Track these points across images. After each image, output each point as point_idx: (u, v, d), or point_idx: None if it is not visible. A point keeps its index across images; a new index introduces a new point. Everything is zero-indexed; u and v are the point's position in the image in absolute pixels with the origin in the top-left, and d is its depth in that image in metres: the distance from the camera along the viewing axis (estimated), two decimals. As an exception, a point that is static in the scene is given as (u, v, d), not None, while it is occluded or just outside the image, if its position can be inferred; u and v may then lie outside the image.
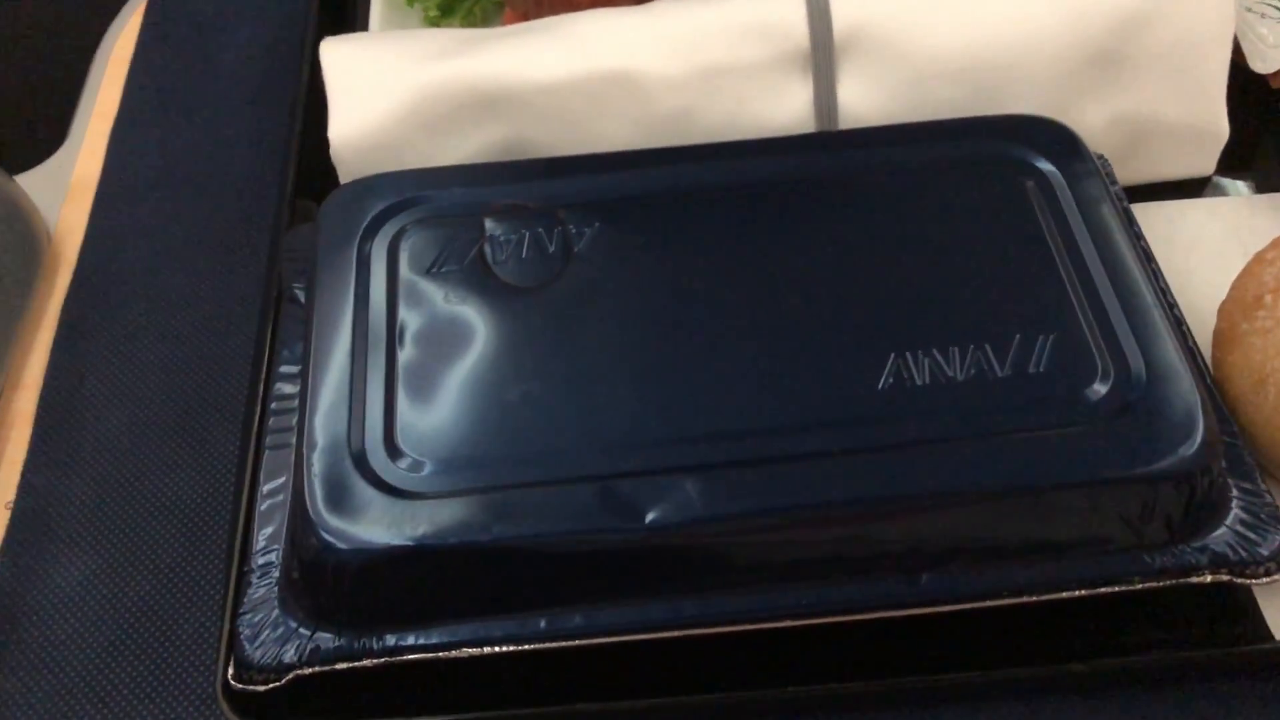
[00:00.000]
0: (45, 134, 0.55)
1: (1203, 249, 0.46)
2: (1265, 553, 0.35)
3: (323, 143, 0.49)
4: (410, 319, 0.38)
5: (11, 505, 0.43)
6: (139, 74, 0.56)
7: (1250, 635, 0.37)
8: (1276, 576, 0.35)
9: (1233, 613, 0.37)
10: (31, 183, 0.49)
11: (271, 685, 0.35)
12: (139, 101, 0.55)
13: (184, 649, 0.39)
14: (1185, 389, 0.35)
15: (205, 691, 0.38)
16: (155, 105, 0.55)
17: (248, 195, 0.51)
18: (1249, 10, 0.49)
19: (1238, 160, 0.48)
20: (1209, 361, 0.41)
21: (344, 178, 0.44)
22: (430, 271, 0.39)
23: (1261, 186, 0.49)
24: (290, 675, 0.35)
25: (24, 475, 0.43)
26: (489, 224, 0.40)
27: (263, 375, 0.41)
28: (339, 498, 0.34)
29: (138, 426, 0.44)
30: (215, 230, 0.50)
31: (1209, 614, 0.38)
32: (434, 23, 0.53)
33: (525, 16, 0.51)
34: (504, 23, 0.52)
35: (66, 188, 0.52)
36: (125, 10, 0.60)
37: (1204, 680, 0.37)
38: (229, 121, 0.54)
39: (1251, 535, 0.35)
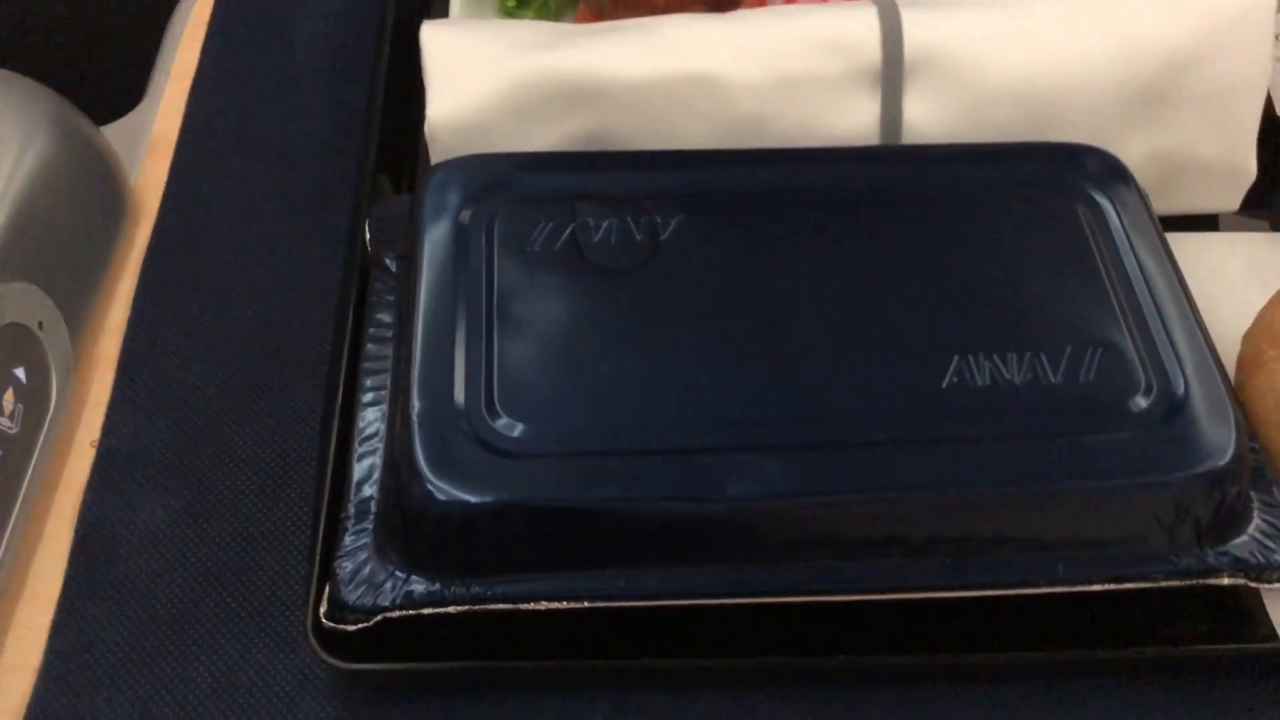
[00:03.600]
0: (123, 90, 0.57)
1: (1223, 280, 0.49)
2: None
3: (401, 121, 0.52)
4: (508, 293, 0.40)
5: (97, 444, 0.45)
6: (215, 39, 0.58)
7: (1255, 636, 0.40)
8: (1288, 583, 0.39)
9: (1239, 614, 0.41)
10: (111, 136, 0.50)
11: (361, 625, 0.37)
12: (216, 65, 0.57)
13: (265, 589, 0.41)
14: (1220, 404, 0.39)
15: (284, 629, 0.41)
16: (233, 69, 0.57)
17: (324, 162, 0.53)
18: None
19: (1258, 199, 0.52)
20: (1232, 383, 0.44)
21: (435, 156, 0.46)
22: (526, 250, 0.41)
23: (1278, 225, 0.52)
24: (379, 617, 0.37)
25: (108, 416, 0.45)
26: (580, 209, 0.42)
27: (347, 334, 0.44)
28: (443, 453, 0.36)
29: (218, 377, 0.46)
30: (292, 194, 0.52)
31: (1218, 613, 0.41)
32: (510, 13, 0.55)
33: (599, 14, 0.53)
34: (577, 19, 0.55)
35: (145, 143, 0.54)
36: (201, -25, 0.61)
37: (1214, 674, 0.41)
38: (304, 90, 0.56)
39: (1270, 544, 0.39)
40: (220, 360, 0.47)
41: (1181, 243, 0.50)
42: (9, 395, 0.41)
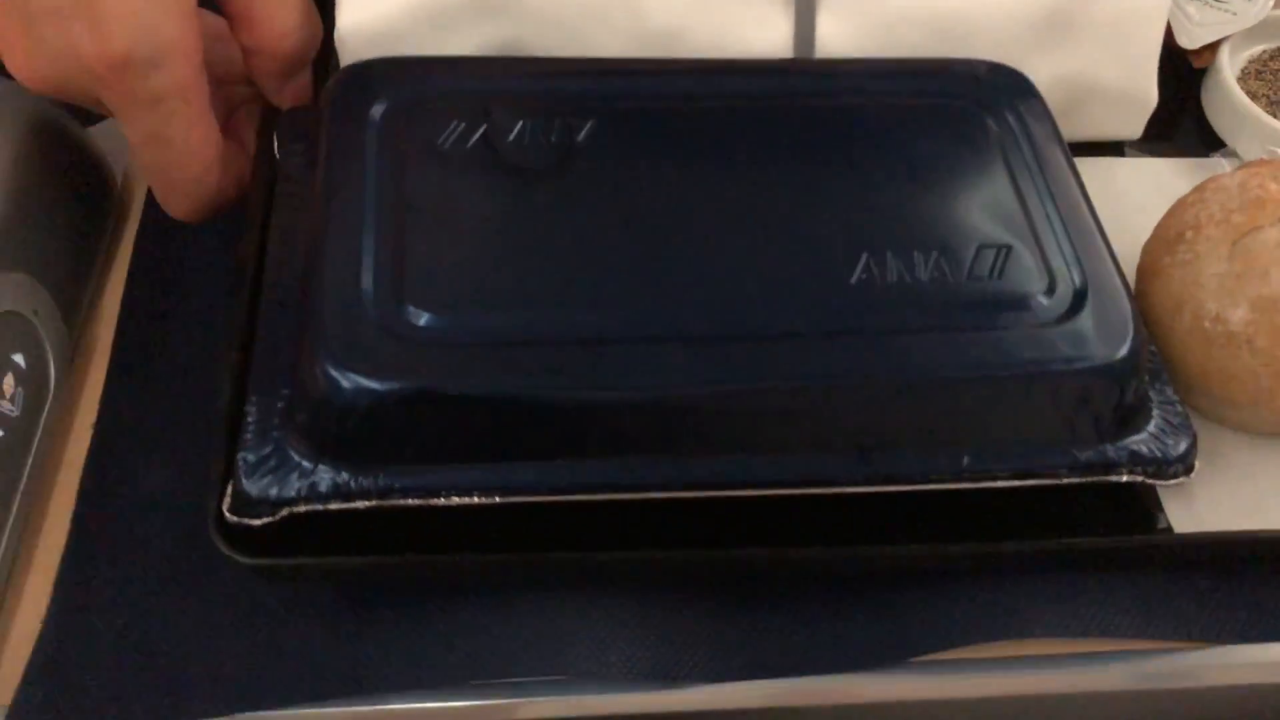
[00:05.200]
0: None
1: (1129, 201, 0.50)
2: (1174, 455, 0.39)
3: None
4: (418, 187, 0.40)
5: (95, 425, 0.44)
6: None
7: (1154, 530, 0.41)
8: (1183, 479, 0.40)
9: (1140, 509, 0.42)
10: (98, 136, 0.50)
11: (265, 520, 0.37)
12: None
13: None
14: (1119, 302, 0.39)
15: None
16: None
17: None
18: (1180, -10, 0.54)
19: (1160, 127, 0.53)
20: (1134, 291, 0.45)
21: (345, 64, 0.45)
22: (437, 148, 0.41)
23: (1180, 152, 0.54)
24: (284, 511, 0.37)
25: (105, 395, 0.45)
26: (493, 110, 0.42)
27: (257, 236, 0.43)
28: (348, 340, 0.36)
29: (206, 355, 0.46)
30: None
31: (1120, 511, 0.42)
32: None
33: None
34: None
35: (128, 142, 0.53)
36: None
37: (1113, 567, 0.41)
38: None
39: (1165, 440, 0.40)
40: (205, 341, 0.46)
41: (1089, 166, 0.51)
42: (9, 380, 0.41)
